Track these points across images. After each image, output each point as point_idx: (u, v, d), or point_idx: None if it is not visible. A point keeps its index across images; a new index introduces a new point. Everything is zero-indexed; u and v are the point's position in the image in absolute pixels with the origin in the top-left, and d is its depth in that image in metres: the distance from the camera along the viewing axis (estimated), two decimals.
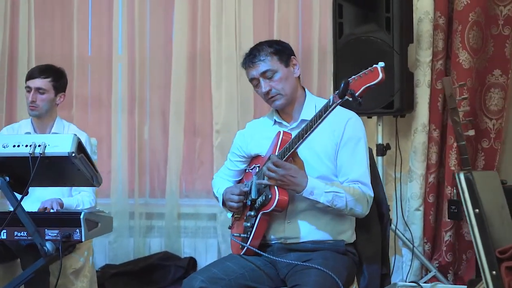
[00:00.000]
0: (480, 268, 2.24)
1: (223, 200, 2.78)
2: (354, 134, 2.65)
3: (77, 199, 3.47)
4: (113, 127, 4.64)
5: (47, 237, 2.68)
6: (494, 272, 2.21)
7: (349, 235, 2.70)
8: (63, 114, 3.85)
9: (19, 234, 2.72)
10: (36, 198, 3.25)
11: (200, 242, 4.62)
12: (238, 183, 2.86)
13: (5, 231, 2.72)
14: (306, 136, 2.44)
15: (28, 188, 2.53)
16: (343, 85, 2.28)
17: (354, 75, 2.30)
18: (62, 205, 3.30)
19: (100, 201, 3.87)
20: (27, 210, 2.63)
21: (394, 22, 3.87)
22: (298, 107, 2.72)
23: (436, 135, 4.15)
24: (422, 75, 4.10)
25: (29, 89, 3.51)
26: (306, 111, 2.68)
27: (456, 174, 2.31)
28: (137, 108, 4.64)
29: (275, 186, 2.52)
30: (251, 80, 2.71)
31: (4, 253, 3.25)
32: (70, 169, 2.57)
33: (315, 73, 4.43)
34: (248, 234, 2.61)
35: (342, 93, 2.29)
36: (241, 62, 2.74)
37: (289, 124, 2.73)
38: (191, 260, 4.55)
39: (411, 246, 4.14)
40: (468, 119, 2.57)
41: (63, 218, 2.74)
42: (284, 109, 2.73)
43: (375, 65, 2.29)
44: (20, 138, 2.58)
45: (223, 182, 2.88)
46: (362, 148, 2.65)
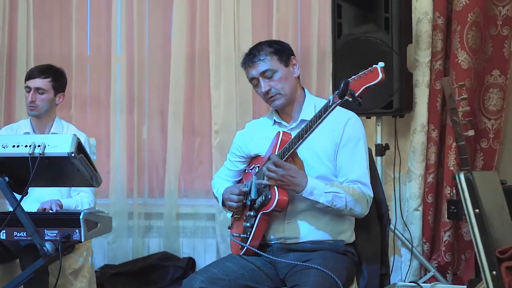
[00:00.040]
0: (480, 268, 2.24)
1: (223, 200, 2.77)
2: (354, 135, 2.65)
3: (76, 200, 3.46)
4: (112, 127, 4.64)
5: (47, 238, 2.68)
6: (494, 272, 2.21)
7: (349, 235, 2.70)
8: (62, 114, 3.85)
9: (18, 235, 2.72)
10: (35, 198, 3.24)
11: (199, 242, 4.61)
12: (238, 183, 2.86)
13: (5, 231, 2.72)
14: (305, 136, 2.44)
15: (28, 189, 2.53)
16: (343, 85, 2.28)
17: (353, 75, 2.29)
18: (61, 206, 3.29)
19: (98, 201, 3.86)
20: (27, 211, 2.63)
21: (393, 22, 3.86)
22: (298, 107, 2.72)
23: (435, 135, 4.15)
24: (421, 75, 4.11)
25: (28, 89, 3.50)
26: (306, 111, 2.68)
27: (456, 174, 2.31)
28: (136, 108, 4.64)
29: (274, 186, 2.51)
30: (251, 79, 2.70)
31: (4, 253, 3.24)
32: (70, 169, 2.57)
33: (314, 73, 4.43)
34: (248, 234, 2.61)
35: (342, 93, 2.29)
36: (241, 62, 2.74)
37: (289, 124, 2.73)
38: (190, 260, 4.54)
39: (410, 246, 4.14)
40: (467, 119, 2.56)
41: (63, 219, 2.74)
42: (284, 109, 2.73)
43: (375, 65, 2.29)
44: (19, 138, 2.58)
45: (222, 182, 2.88)
46: (361, 148, 2.65)
